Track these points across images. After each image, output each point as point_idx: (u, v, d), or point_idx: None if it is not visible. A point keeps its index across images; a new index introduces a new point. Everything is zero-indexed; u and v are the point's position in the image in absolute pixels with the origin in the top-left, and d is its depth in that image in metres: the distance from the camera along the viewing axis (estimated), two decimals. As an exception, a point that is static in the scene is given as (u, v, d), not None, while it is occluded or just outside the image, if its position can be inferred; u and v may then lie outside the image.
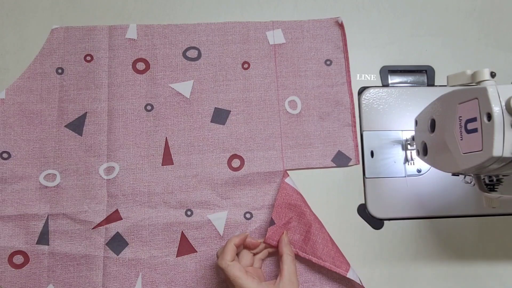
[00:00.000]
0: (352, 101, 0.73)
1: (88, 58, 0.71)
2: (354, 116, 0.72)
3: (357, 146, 0.71)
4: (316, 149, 0.71)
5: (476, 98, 0.49)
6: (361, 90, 0.74)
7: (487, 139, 0.47)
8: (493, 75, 0.52)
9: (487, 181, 0.57)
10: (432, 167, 0.68)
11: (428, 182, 0.71)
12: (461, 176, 0.63)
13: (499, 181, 0.58)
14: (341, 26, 0.74)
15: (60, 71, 0.71)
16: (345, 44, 0.74)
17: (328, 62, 0.74)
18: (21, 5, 0.74)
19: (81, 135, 0.69)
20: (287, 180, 0.68)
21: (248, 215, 0.68)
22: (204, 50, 0.73)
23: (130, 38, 0.73)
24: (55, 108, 0.70)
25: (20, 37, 0.73)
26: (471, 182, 0.61)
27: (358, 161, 0.71)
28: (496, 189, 0.58)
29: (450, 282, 0.65)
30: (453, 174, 0.64)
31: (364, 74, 0.75)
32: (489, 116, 0.47)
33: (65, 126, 0.69)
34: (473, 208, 0.71)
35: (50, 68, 0.71)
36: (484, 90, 0.48)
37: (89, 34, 0.72)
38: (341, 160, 0.71)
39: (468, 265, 0.70)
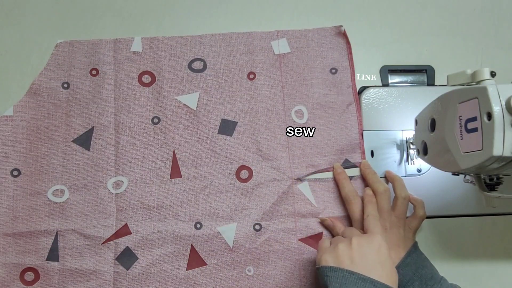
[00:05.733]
0: (358, 109, 0.73)
1: (94, 72, 0.71)
2: (361, 124, 0.72)
3: (363, 153, 0.72)
4: (323, 158, 0.71)
5: (476, 98, 0.49)
6: (361, 90, 0.74)
7: (487, 138, 0.48)
8: (493, 74, 0.52)
9: (487, 181, 0.58)
10: (432, 167, 0.68)
11: (428, 182, 0.72)
12: (461, 176, 0.63)
13: (499, 180, 0.58)
14: (344, 35, 0.74)
15: (66, 85, 0.70)
16: (350, 53, 0.74)
17: (333, 71, 0.73)
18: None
19: (89, 150, 0.69)
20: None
21: (257, 227, 0.69)
22: (209, 61, 0.73)
23: (135, 51, 0.72)
24: (62, 123, 0.69)
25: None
26: (471, 181, 0.61)
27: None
28: (496, 189, 0.58)
29: (450, 281, 0.65)
30: (453, 174, 0.64)
31: (364, 74, 0.75)
32: (489, 116, 0.47)
33: (72, 141, 0.69)
34: (473, 207, 0.71)
35: (56, 83, 0.70)
36: (484, 89, 0.48)
37: (94, 48, 0.72)
38: (348, 168, 0.71)
39: (468, 265, 0.71)
